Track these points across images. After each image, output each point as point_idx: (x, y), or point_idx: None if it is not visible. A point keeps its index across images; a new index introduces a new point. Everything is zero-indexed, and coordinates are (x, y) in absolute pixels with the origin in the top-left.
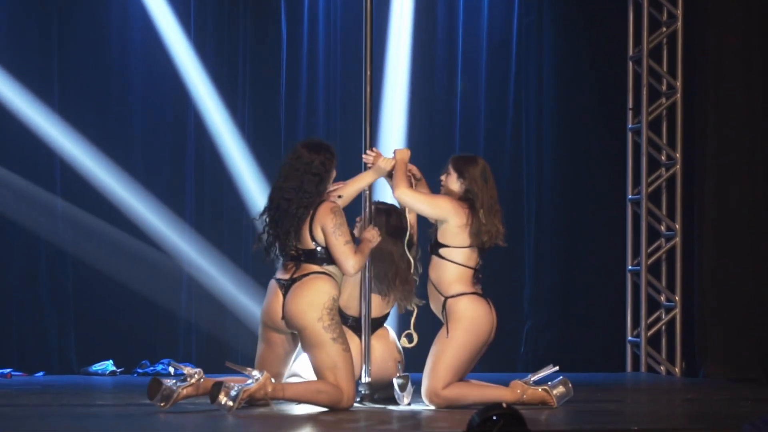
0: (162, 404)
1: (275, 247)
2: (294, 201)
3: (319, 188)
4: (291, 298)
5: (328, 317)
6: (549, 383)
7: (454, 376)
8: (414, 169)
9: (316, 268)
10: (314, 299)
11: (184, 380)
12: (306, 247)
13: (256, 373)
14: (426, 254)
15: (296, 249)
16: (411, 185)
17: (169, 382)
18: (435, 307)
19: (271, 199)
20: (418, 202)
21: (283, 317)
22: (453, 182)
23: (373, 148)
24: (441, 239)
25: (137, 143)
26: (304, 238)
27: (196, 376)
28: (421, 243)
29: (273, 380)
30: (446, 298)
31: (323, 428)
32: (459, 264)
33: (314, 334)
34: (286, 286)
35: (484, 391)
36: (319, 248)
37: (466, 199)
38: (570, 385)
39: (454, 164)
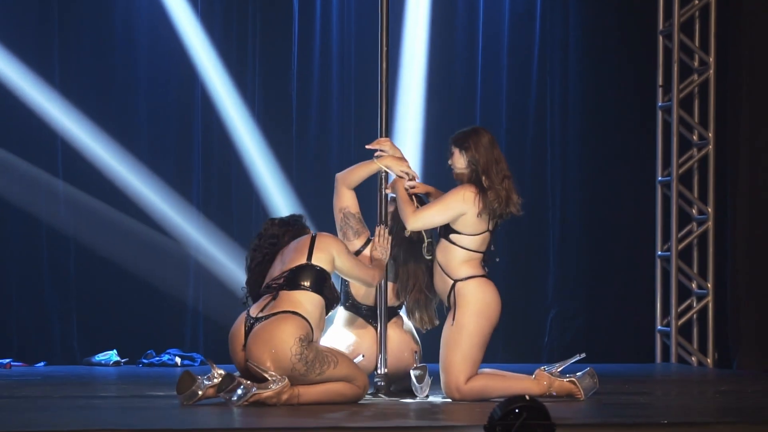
0: (186, 402)
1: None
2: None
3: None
4: (252, 343)
5: (301, 363)
6: (576, 375)
7: (473, 367)
8: (420, 187)
9: (290, 302)
10: (277, 344)
11: (209, 379)
12: (297, 264)
13: (276, 376)
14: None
15: (282, 275)
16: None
17: (199, 378)
18: (442, 290)
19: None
20: (432, 216)
21: (247, 361)
22: (458, 159)
23: (384, 140)
24: (453, 225)
25: (142, 122)
26: (298, 257)
27: (218, 378)
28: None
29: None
30: (455, 281)
31: (339, 423)
32: (469, 250)
33: (300, 380)
34: (249, 325)
35: (509, 384)
36: (310, 267)
37: (470, 174)
38: (596, 376)
39: (454, 140)
